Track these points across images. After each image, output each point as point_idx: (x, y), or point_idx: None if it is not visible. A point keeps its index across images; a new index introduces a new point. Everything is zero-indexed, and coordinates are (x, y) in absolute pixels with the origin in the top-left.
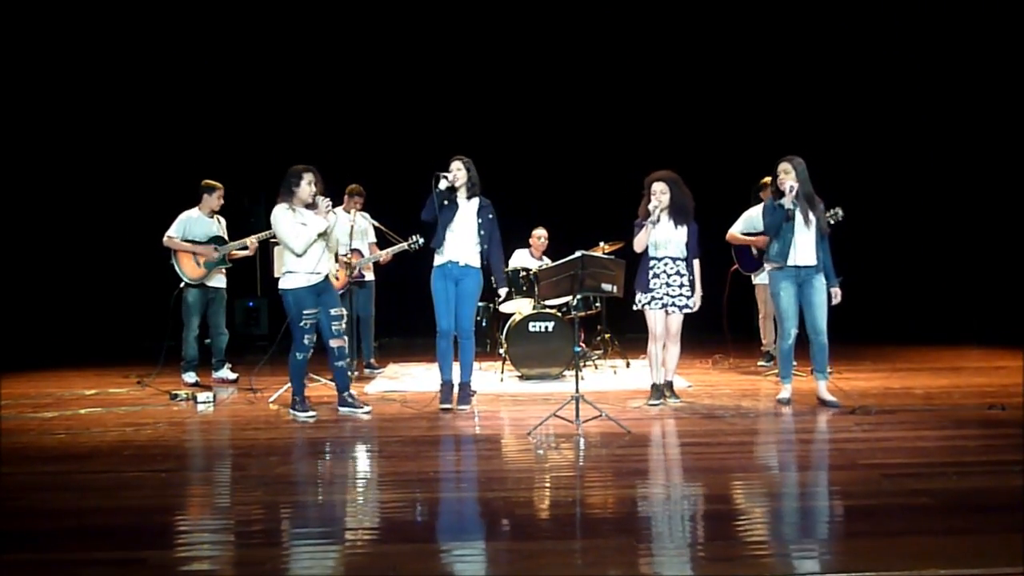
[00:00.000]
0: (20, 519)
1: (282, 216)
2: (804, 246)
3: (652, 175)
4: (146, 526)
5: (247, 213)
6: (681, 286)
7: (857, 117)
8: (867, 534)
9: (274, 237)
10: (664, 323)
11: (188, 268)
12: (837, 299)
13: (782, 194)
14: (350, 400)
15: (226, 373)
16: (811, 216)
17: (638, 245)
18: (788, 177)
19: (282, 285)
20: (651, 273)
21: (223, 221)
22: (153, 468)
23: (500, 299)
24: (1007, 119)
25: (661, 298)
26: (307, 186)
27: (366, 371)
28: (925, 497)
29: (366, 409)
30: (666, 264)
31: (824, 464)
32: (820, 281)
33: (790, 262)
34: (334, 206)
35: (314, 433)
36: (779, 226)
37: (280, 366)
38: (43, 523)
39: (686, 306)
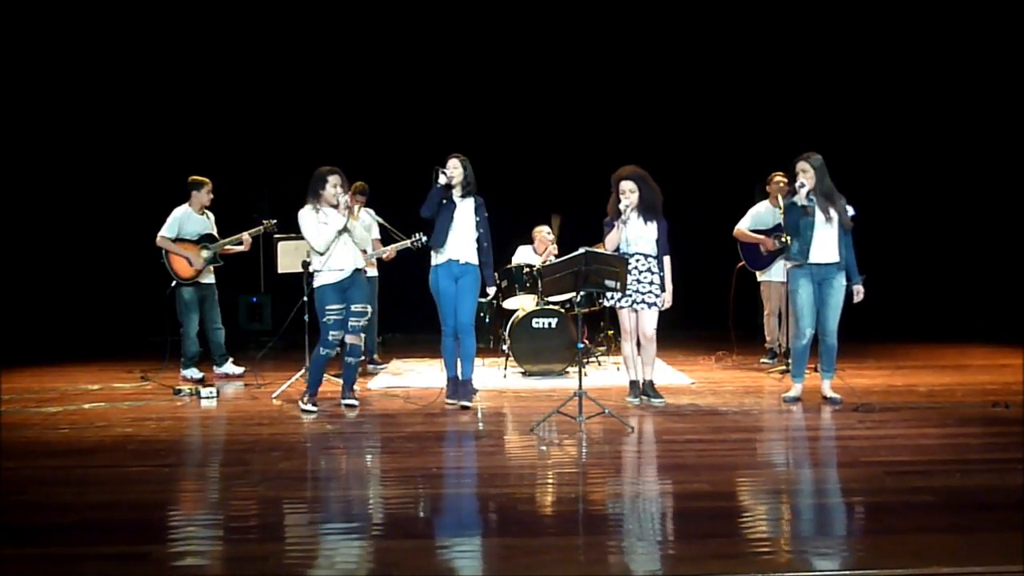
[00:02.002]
0: (23, 513)
1: (306, 216)
2: (824, 244)
3: (618, 172)
4: (149, 521)
5: (250, 208)
6: (651, 283)
7: (861, 115)
8: (870, 531)
9: (267, 232)
10: (632, 322)
11: (180, 268)
12: (860, 296)
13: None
14: (347, 395)
15: (230, 367)
16: (832, 212)
17: (609, 244)
18: (804, 176)
19: (314, 284)
20: None
21: (212, 217)
22: (156, 463)
23: (488, 297)
24: (1011, 118)
25: (631, 295)
26: (331, 188)
27: (369, 367)
28: (928, 495)
29: (355, 403)
30: (638, 260)
31: (827, 461)
32: (839, 281)
33: (810, 260)
34: None
35: (317, 429)
36: (797, 224)
37: (282, 361)
38: (46, 517)
39: (654, 304)
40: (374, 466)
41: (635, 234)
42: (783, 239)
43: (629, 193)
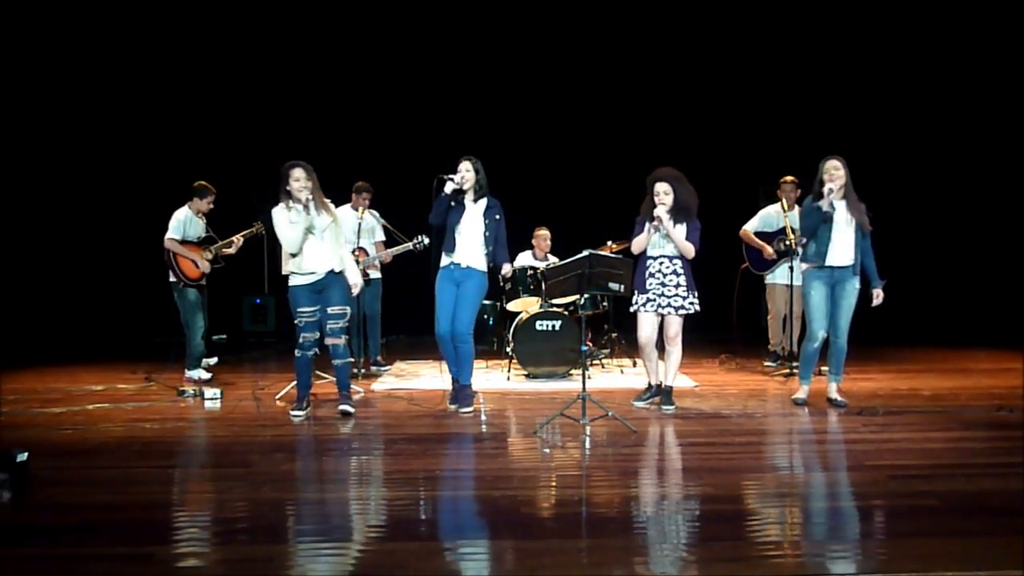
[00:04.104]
0: (27, 514)
1: (276, 216)
2: (842, 247)
3: (655, 173)
4: (153, 521)
5: (255, 209)
6: (677, 286)
7: (863, 117)
8: (873, 535)
9: (257, 234)
10: (652, 327)
11: (188, 269)
12: (879, 300)
13: (822, 195)
14: (343, 400)
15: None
16: (851, 215)
17: (636, 247)
18: (836, 176)
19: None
20: (647, 272)
21: (204, 220)
22: (160, 464)
23: (505, 276)
24: (1013, 122)
25: (656, 299)
26: (294, 183)
27: (372, 368)
28: (932, 499)
29: (349, 410)
30: (662, 263)
31: (831, 465)
32: (853, 284)
33: (827, 263)
34: (341, 204)
35: (320, 430)
36: (816, 228)
37: (285, 363)
38: (50, 518)
39: (681, 307)
40: (377, 468)
41: (662, 237)
42: (785, 243)
43: (664, 195)
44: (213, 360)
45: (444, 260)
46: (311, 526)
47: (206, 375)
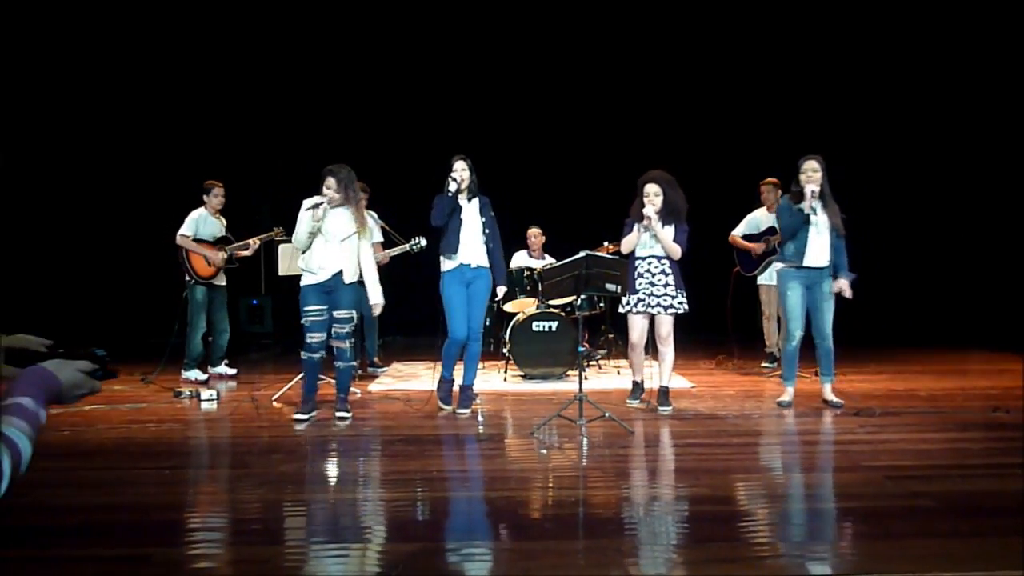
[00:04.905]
0: (24, 515)
1: (301, 211)
2: (820, 248)
3: (645, 175)
4: (150, 523)
5: (254, 211)
6: (666, 286)
7: (859, 118)
8: (869, 536)
9: (276, 240)
10: (643, 328)
11: (200, 267)
12: (848, 293)
13: (801, 195)
14: (340, 405)
15: (224, 368)
16: (826, 216)
17: (625, 246)
18: (814, 177)
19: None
20: (636, 273)
21: (224, 221)
22: (157, 465)
23: (499, 298)
24: (1011, 122)
25: (645, 299)
26: (325, 190)
27: (369, 370)
28: (928, 499)
29: (345, 416)
30: (650, 263)
31: (827, 466)
32: (830, 284)
33: (804, 263)
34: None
35: (317, 432)
36: (796, 229)
37: (284, 364)
38: (47, 519)
39: (671, 307)
40: (374, 469)
41: (650, 237)
42: (775, 243)
43: (654, 196)
44: (233, 371)
45: (449, 263)
46: (308, 527)
47: (203, 376)
